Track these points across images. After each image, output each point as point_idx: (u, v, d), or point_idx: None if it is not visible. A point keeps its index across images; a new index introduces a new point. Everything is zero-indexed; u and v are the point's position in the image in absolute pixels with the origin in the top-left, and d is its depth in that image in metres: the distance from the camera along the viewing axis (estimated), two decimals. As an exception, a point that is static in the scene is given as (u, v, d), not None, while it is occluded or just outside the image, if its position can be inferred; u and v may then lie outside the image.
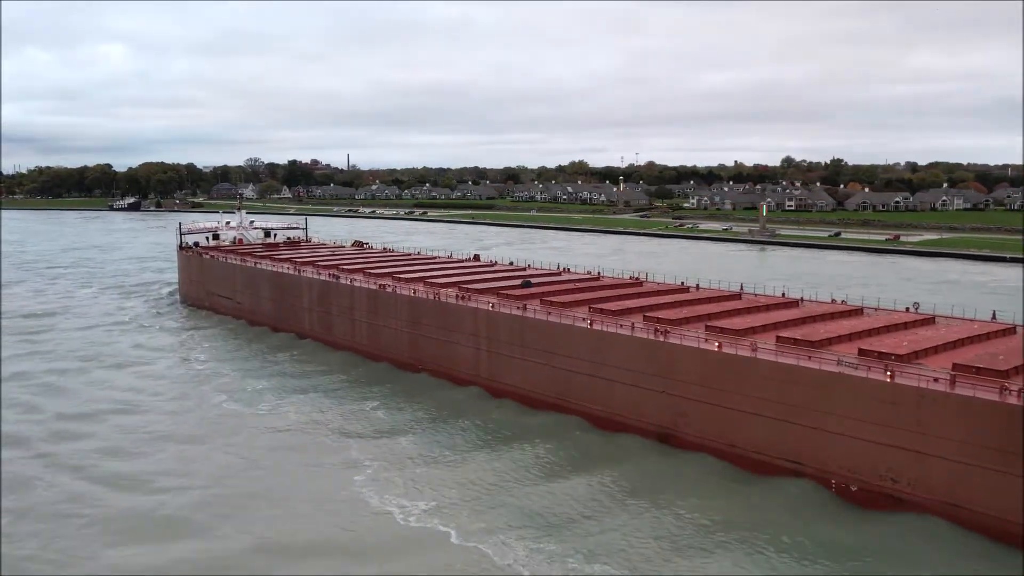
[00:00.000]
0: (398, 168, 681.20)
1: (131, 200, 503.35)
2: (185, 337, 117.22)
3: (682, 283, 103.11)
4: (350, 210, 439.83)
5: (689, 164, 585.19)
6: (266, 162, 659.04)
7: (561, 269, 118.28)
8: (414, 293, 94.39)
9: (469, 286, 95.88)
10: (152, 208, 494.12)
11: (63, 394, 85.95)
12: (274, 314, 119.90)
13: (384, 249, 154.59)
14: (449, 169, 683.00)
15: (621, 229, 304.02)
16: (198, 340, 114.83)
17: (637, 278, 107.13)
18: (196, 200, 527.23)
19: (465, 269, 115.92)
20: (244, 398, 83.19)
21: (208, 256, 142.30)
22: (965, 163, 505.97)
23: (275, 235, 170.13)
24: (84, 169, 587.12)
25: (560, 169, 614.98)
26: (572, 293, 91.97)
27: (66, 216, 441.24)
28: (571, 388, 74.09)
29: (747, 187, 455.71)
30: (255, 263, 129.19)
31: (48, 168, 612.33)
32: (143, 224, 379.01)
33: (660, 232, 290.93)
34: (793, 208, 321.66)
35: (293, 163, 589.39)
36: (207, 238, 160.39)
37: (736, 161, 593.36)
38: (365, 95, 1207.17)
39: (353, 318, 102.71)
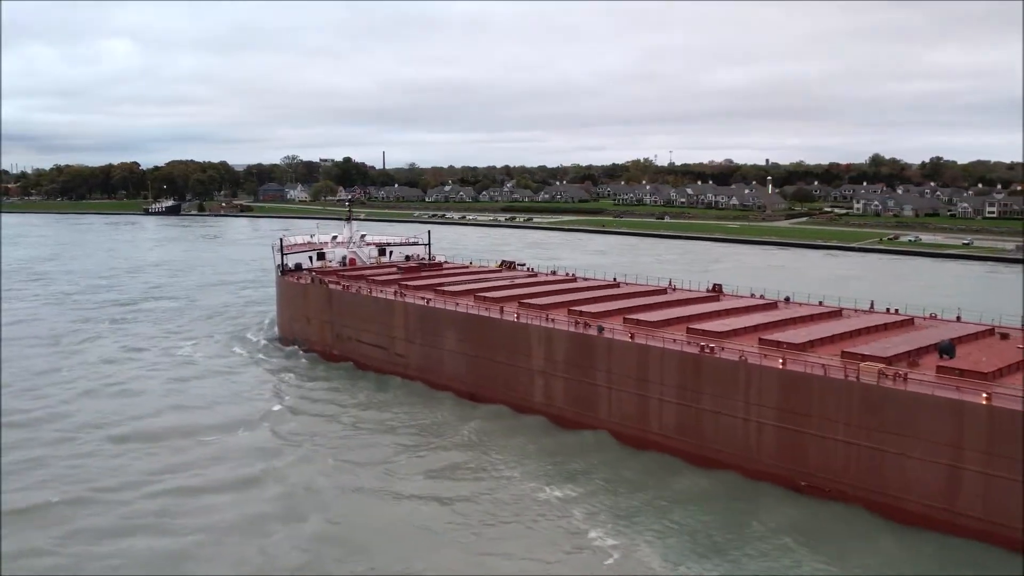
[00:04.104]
0: (425, 166, 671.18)
1: (169, 203, 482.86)
2: (453, 453, 74.78)
3: None
4: (434, 215, 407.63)
5: (692, 161, 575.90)
6: (304, 160, 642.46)
7: (895, 311, 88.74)
8: (783, 365, 65.53)
9: (857, 351, 67.08)
10: (194, 212, 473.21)
11: None
12: (469, 377, 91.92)
13: (557, 274, 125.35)
14: (477, 168, 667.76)
15: (817, 242, 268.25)
16: (491, 473, 70.35)
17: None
18: (243, 203, 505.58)
19: (771, 313, 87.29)
20: None
21: (338, 286, 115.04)
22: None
23: (391, 252, 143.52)
24: (110, 168, 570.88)
25: (616, 167, 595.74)
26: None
27: (94, 222, 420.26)
28: None
29: (882, 189, 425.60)
30: (427, 300, 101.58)
31: (68, 166, 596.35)
32: (192, 232, 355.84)
33: (874, 247, 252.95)
34: (995, 215, 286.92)
35: (347, 161, 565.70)
36: (310, 258, 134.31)
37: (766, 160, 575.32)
38: (375, 92, 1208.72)
39: (646, 394, 74.24)
